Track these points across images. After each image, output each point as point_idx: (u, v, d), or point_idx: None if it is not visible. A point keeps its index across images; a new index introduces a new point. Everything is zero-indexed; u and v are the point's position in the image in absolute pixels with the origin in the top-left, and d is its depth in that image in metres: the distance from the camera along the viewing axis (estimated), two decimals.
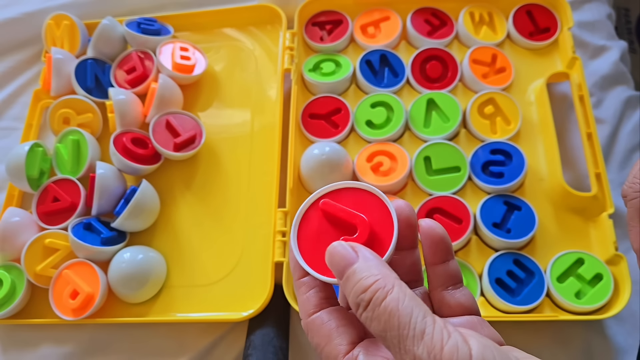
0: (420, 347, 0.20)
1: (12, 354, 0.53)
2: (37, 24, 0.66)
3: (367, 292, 0.22)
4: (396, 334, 0.21)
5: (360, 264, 0.23)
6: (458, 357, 0.19)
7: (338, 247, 0.24)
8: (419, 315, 0.21)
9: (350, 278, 0.23)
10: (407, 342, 0.20)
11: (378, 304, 0.21)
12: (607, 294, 0.46)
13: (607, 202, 0.50)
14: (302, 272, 0.27)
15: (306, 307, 0.26)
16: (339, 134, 0.56)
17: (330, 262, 0.24)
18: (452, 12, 0.61)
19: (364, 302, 0.22)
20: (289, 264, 0.27)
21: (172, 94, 0.58)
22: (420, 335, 0.20)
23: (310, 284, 0.26)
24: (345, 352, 0.24)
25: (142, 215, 0.53)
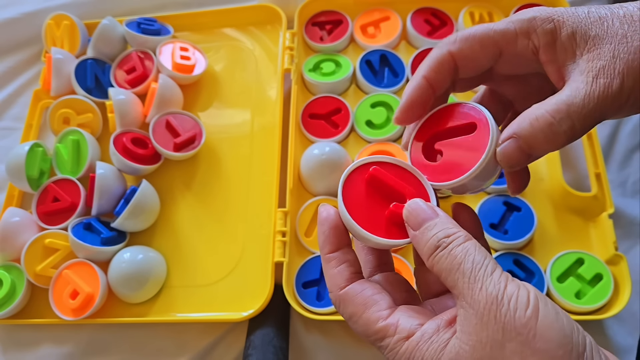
0: (488, 279, 0.22)
1: (12, 354, 0.53)
2: (37, 24, 0.66)
3: (451, 237, 0.24)
4: (470, 266, 0.23)
5: (441, 219, 0.25)
6: (519, 293, 0.21)
7: (420, 203, 0.26)
8: (490, 262, 0.23)
9: (431, 228, 0.25)
10: (479, 274, 0.22)
11: (455, 246, 0.24)
12: (607, 294, 0.46)
13: (607, 202, 0.50)
14: (333, 246, 0.27)
15: (337, 281, 0.26)
16: (339, 134, 0.56)
17: (409, 214, 0.26)
18: (452, 12, 0.61)
19: (445, 244, 0.24)
20: (319, 238, 0.28)
21: (172, 94, 0.58)
22: (490, 273, 0.22)
23: (340, 259, 0.27)
24: (385, 316, 0.25)
25: (142, 215, 0.53)
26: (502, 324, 0.21)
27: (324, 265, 0.28)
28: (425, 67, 0.29)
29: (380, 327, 0.24)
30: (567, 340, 0.21)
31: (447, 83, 0.29)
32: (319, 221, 0.28)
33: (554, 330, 0.21)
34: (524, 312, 0.21)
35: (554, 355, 0.20)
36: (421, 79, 0.29)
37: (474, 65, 0.29)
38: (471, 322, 0.22)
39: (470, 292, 0.22)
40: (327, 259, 0.27)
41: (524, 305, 0.21)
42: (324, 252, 0.27)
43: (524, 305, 0.21)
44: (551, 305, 0.22)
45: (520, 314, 0.21)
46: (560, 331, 0.21)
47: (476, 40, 0.28)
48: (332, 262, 0.27)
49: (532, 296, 0.21)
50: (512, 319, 0.21)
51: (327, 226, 0.27)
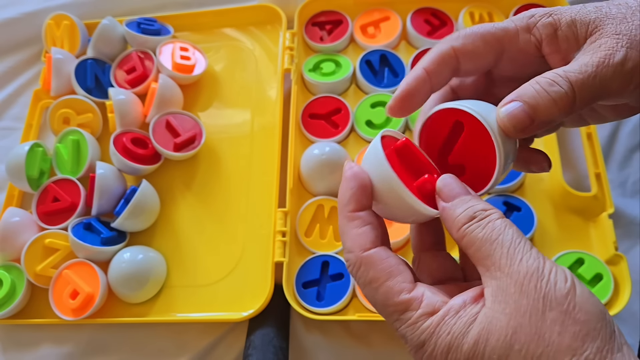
0: (528, 254, 0.22)
1: (12, 354, 0.53)
2: (37, 24, 0.66)
3: (486, 212, 0.24)
4: (509, 239, 0.23)
5: (475, 197, 0.25)
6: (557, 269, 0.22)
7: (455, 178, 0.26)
8: (527, 241, 0.23)
9: (467, 201, 0.25)
10: (518, 247, 0.22)
11: (493, 219, 0.23)
12: (607, 294, 0.46)
13: (607, 202, 0.50)
14: (360, 204, 0.26)
15: (361, 241, 0.25)
16: (339, 134, 0.56)
17: (443, 186, 0.25)
18: (452, 12, 0.61)
19: (483, 215, 0.24)
20: (343, 195, 0.26)
21: (172, 94, 0.58)
22: (529, 249, 0.22)
23: (365, 219, 0.26)
24: (410, 289, 0.24)
25: (142, 215, 0.53)
26: (544, 294, 0.21)
27: (345, 223, 0.26)
28: (426, 59, 0.29)
29: (403, 299, 0.24)
30: (603, 315, 0.21)
31: (446, 78, 0.29)
32: (347, 176, 0.26)
33: (592, 305, 0.21)
34: (564, 284, 0.21)
35: (594, 327, 0.21)
36: (421, 70, 0.28)
37: (476, 62, 0.29)
38: (509, 291, 0.22)
39: (510, 262, 0.22)
40: (351, 217, 0.26)
41: (563, 279, 0.21)
42: (347, 209, 0.26)
43: (563, 279, 0.21)
44: (586, 288, 0.22)
45: (560, 285, 0.21)
46: (598, 306, 0.21)
47: (479, 37, 0.28)
48: (357, 222, 0.25)
49: (569, 274, 0.22)
50: (553, 289, 0.21)
51: (355, 182, 0.26)
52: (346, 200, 0.26)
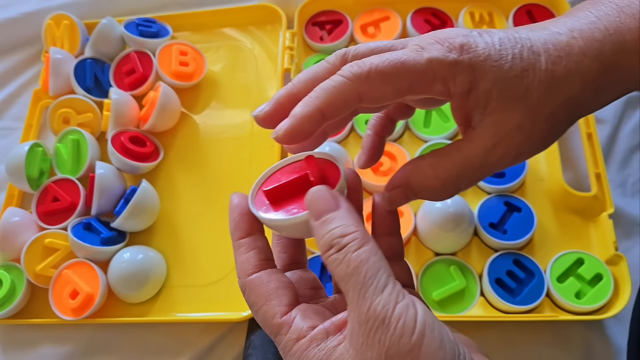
0: (377, 299, 0.21)
1: (12, 354, 0.53)
2: (37, 24, 0.66)
3: (346, 238, 0.23)
4: (361, 280, 0.22)
5: (341, 212, 0.24)
6: (407, 315, 0.21)
7: (322, 190, 0.25)
8: (384, 274, 0.22)
9: (329, 222, 0.24)
10: (369, 291, 0.22)
11: (352, 250, 0.22)
12: (607, 294, 0.46)
13: (607, 202, 0.50)
14: (243, 232, 0.27)
15: (245, 267, 0.26)
16: (339, 134, 0.56)
17: (310, 202, 0.25)
18: (452, 12, 0.61)
19: (339, 246, 0.23)
20: (230, 226, 0.27)
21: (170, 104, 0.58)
22: (381, 290, 0.22)
23: (250, 245, 0.27)
24: (282, 312, 0.25)
25: (142, 215, 0.53)
26: (386, 348, 0.21)
27: (234, 252, 0.27)
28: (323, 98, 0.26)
29: (275, 323, 0.25)
30: None
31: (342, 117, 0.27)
32: (230, 208, 0.27)
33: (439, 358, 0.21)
34: (409, 339, 0.21)
35: None
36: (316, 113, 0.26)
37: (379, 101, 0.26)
38: (358, 339, 0.22)
39: (359, 309, 0.22)
40: (237, 245, 0.27)
41: (410, 330, 0.21)
42: (234, 239, 0.27)
43: (409, 331, 0.21)
44: (437, 332, 0.21)
45: (405, 340, 0.21)
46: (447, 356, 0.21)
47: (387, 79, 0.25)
48: (242, 249, 0.27)
49: (420, 320, 0.21)
50: (397, 344, 0.21)
51: (237, 212, 0.27)
52: (232, 230, 0.27)
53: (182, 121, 0.61)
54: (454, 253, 0.50)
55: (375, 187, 0.52)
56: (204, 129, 0.60)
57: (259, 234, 0.27)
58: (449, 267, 0.49)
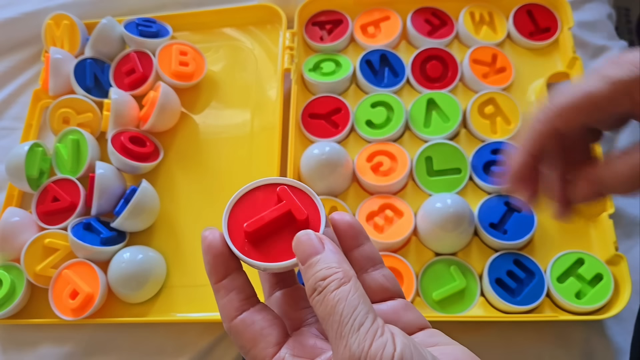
0: (353, 337, 0.22)
1: (12, 354, 0.53)
2: (37, 24, 0.66)
3: (326, 280, 0.23)
4: (337, 319, 0.22)
5: (325, 254, 0.24)
6: (383, 354, 0.21)
7: (308, 234, 0.25)
8: (362, 311, 0.22)
9: (313, 265, 0.24)
10: (344, 330, 0.22)
11: (331, 290, 0.23)
12: (607, 294, 0.46)
13: (607, 202, 0.50)
14: (220, 274, 0.26)
15: (228, 311, 0.26)
16: (339, 134, 0.56)
17: (297, 248, 0.25)
18: (452, 12, 0.61)
19: (320, 288, 0.23)
20: (206, 267, 0.26)
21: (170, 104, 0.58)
22: (357, 327, 0.22)
23: (228, 287, 0.26)
24: (271, 354, 0.25)
25: (142, 215, 0.53)
26: None
27: (215, 296, 0.26)
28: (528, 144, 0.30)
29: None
30: None
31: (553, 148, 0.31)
32: (202, 249, 0.26)
33: None
34: None
35: None
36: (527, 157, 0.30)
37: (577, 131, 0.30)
38: None
39: (336, 349, 0.22)
40: (216, 289, 0.26)
41: None
42: (211, 282, 0.26)
43: None
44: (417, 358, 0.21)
45: None
46: None
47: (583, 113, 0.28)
48: (221, 292, 0.26)
49: (397, 357, 0.21)
50: None
51: (210, 255, 0.26)
52: (208, 274, 0.27)
53: (182, 121, 0.61)
54: (454, 253, 0.50)
55: (375, 187, 0.52)
56: (204, 129, 0.60)
57: (237, 272, 0.27)
58: (449, 267, 0.49)
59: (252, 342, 0.25)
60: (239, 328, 0.25)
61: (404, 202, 0.52)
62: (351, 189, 0.54)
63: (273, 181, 0.28)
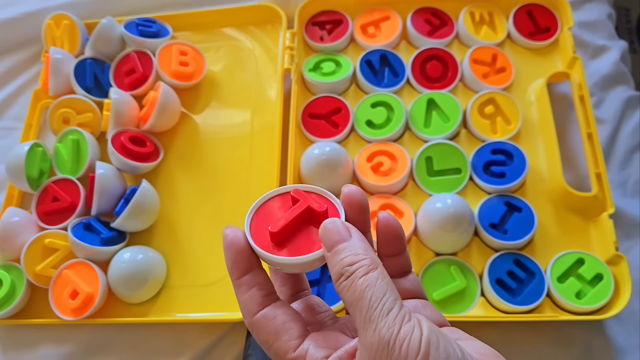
0: (382, 321, 0.22)
1: (12, 354, 0.53)
2: (37, 24, 0.66)
3: (354, 266, 0.23)
4: (367, 304, 0.22)
5: (352, 242, 0.24)
6: (411, 338, 0.21)
7: (334, 222, 0.25)
8: (390, 297, 0.23)
9: (340, 252, 0.24)
10: (374, 314, 0.22)
11: (359, 276, 0.23)
12: (608, 294, 0.46)
13: (607, 202, 0.50)
14: (242, 270, 0.26)
15: (249, 307, 0.26)
16: (339, 134, 0.56)
17: (323, 235, 0.25)
18: (452, 12, 0.61)
19: (348, 273, 0.23)
20: (227, 263, 0.27)
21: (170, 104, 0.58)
22: (386, 312, 0.22)
23: (250, 283, 0.26)
24: (295, 346, 0.25)
25: (142, 215, 0.53)
26: None
27: (235, 291, 0.27)
28: None
29: (290, 357, 0.25)
30: None
31: None
32: (224, 245, 0.27)
33: None
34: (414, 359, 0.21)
35: None
36: None
37: None
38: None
39: (365, 333, 0.22)
40: (238, 285, 0.27)
41: (414, 352, 0.21)
42: (233, 278, 0.27)
43: (414, 352, 0.21)
44: (443, 350, 0.22)
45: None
46: None
47: None
48: (243, 288, 0.26)
49: (425, 340, 0.21)
50: None
51: (232, 251, 0.26)
52: (229, 270, 0.27)
53: (182, 121, 0.61)
54: (454, 253, 0.50)
55: (375, 187, 0.52)
56: (204, 129, 0.60)
57: (258, 269, 0.27)
58: (450, 267, 0.49)
59: (275, 335, 0.25)
60: (261, 323, 0.26)
61: (404, 202, 0.52)
62: None
63: (285, 190, 0.29)
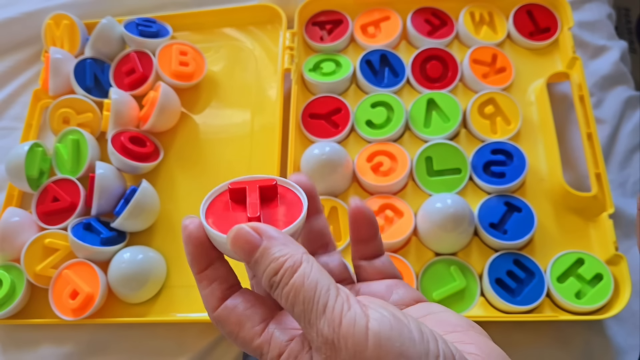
0: (322, 321, 0.21)
1: (12, 354, 0.53)
2: (37, 24, 0.66)
3: (278, 275, 0.22)
4: (302, 309, 0.21)
5: (266, 244, 0.23)
6: (354, 330, 0.20)
7: (240, 230, 0.23)
8: (322, 288, 0.21)
9: (259, 262, 0.23)
10: (312, 316, 0.21)
11: (286, 282, 0.22)
12: (607, 294, 0.46)
13: (607, 202, 0.50)
14: (202, 265, 0.26)
15: (211, 301, 0.25)
16: (339, 134, 0.56)
17: (235, 248, 0.24)
18: (452, 12, 0.61)
19: (275, 284, 0.22)
20: (187, 257, 0.26)
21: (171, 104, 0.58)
22: (322, 309, 0.21)
23: (211, 276, 0.26)
24: (259, 332, 0.24)
25: (142, 215, 0.53)
26: None
27: (197, 286, 0.26)
28: None
29: (256, 345, 0.24)
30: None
31: None
32: (183, 240, 0.26)
33: None
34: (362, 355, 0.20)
35: None
36: None
37: None
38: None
39: (311, 338, 0.21)
40: (199, 279, 0.26)
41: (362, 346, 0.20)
42: (193, 272, 0.26)
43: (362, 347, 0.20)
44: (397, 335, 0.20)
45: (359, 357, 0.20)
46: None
47: None
48: (203, 283, 0.26)
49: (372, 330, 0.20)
50: None
51: (191, 245, 0.25)
52: (189, 263, 0.26)
53: (182, 121, 0.61)
54: (454, 253, 0.50)
55: (375, 187, 0.52)
56: (204, 129, 0.60)
57: (218, 261, 0.26)
58: (449, 267, 0.49)
59: (238, 325, 0.25)
60: (223, 316, 0.25)
61: (404, 202, 0.52)
62: (351, 189, 0.54)
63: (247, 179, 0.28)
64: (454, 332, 0.24)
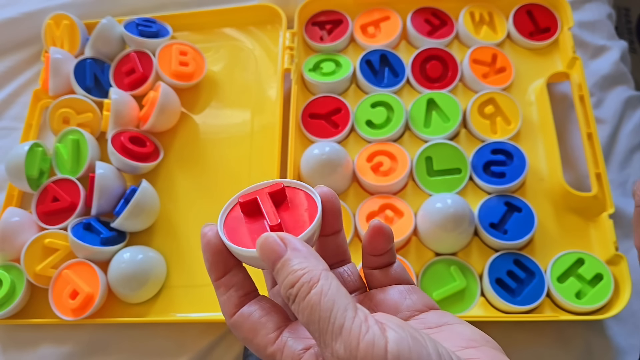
0: (337, 343, 0.20)
1: (12, 354, 0.53)
2: (37, 24, 0.66)
3: (295, 287, 0.22)
4: (317, 327, 0.21)
5: (288, 255, 0.23)
6: (373, 353, 0.20)
7: (268, 238, 0.24)
8: (339, 309, 0.21)
9: (280, 271, 0.23)
10: (327, 337, 0.21)
11: (302, 297, 0.22)
12: (608, 294, 0.46)
13: (607, 202, 0.50)
14: (219, 272, 0.26)
15: (228, 308, 0.26)
16: (339, 134, 0.56)
17: (261, 255, 0.24)
18: (452, 12, 0.61)
19: (292, 296, 0.22)
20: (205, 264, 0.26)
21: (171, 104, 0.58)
22: (339, 331, 0.20)
23: (228, 284, 0.26)
24: (273, 339, 0.24)
25: (142, 215, 0.53)
26: None
27: (216, 292, 0.26)
28: None
29: (269, 352, 0.24)
30: None
31: None
32: (202, 247, 0.26)
33: None
34: None
35: None
36: None
37: None
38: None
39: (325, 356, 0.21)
40: (216, 286, 0.26)
41: None
42: (212, 280, 0.26)
43: None
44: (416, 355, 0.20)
45: None
46: None
47: None
48: (221, 289, 0.26)
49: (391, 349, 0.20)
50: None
51: (209, 253, 0.26)
52: (208, 271, 0.26)
53: (182, 121, 0.61)
54: (454, 253, 0.50)
55: (375, 187, 0.52)
56: (204, 129, 0.60)
57: (236, 268, 0.26)
58: (449, 267, 0.49)
59: (253, 332, 0.25)
60: (238, 322, 0.25)
61: (404, 202, 0.52)
62: (351, 189, 0.54)
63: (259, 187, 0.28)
64: (469, 348, 0.24)
